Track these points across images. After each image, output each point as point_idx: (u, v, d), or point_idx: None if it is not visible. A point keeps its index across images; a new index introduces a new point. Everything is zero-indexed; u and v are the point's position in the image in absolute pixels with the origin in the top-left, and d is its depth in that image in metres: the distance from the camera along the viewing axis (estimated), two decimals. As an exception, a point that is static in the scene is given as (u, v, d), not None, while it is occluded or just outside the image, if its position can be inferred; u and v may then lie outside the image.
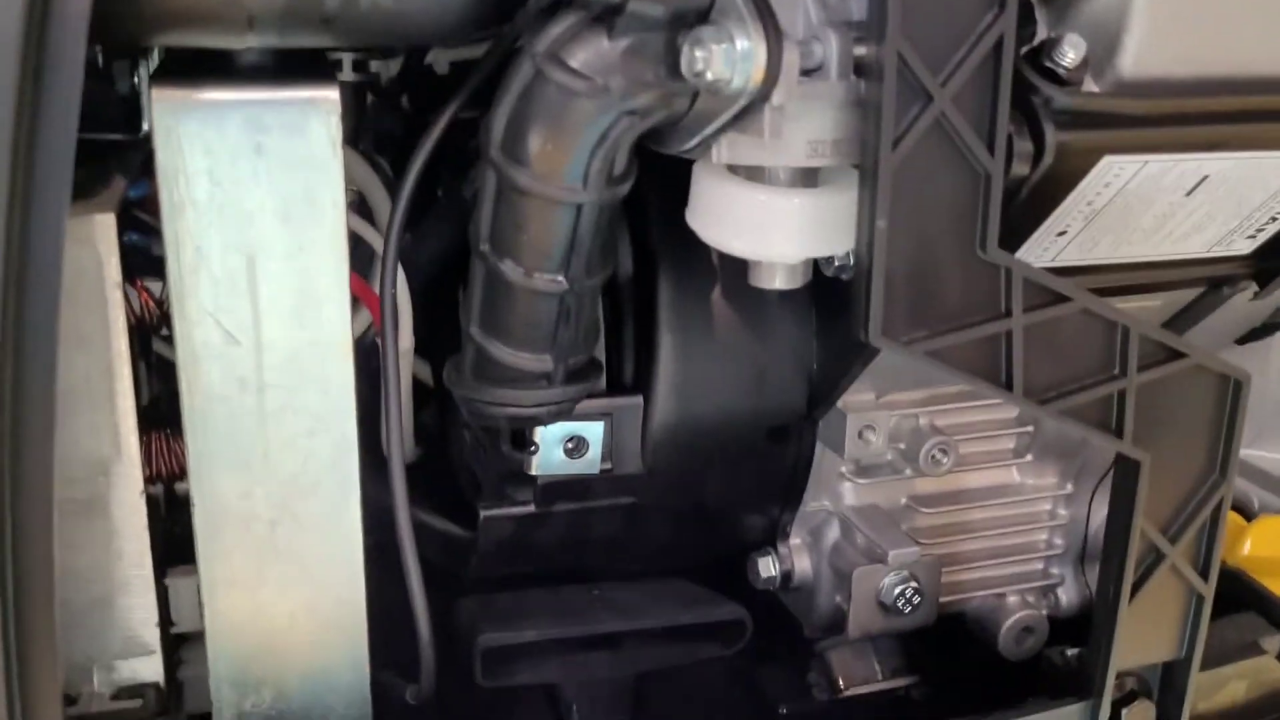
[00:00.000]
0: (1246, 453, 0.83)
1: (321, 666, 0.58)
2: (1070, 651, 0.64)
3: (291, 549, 0.56)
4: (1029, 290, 0.50)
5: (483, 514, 0.69)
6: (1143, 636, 0.59)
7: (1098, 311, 0.52)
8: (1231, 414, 0.56)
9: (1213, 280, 0.65)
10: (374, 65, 0.75)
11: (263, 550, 0.55)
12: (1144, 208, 0.56)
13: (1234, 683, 0.65)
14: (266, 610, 0.56)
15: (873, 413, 0.69)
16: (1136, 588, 0.57)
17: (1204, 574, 0.58)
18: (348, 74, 0.73)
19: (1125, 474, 0.55)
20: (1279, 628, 0.66)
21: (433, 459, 0.79)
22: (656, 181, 0.59)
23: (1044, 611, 0.76)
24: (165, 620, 0.58)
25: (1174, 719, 0.62)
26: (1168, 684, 0.62)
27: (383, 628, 0.61)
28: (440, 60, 0.80)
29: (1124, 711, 0.61)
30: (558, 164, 0.49)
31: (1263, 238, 0.61)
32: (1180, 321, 0.69)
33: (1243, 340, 0.76)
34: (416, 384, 0.75)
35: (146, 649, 0.56)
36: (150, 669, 0.57)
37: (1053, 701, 0.61)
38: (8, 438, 0.42)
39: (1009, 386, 0.51)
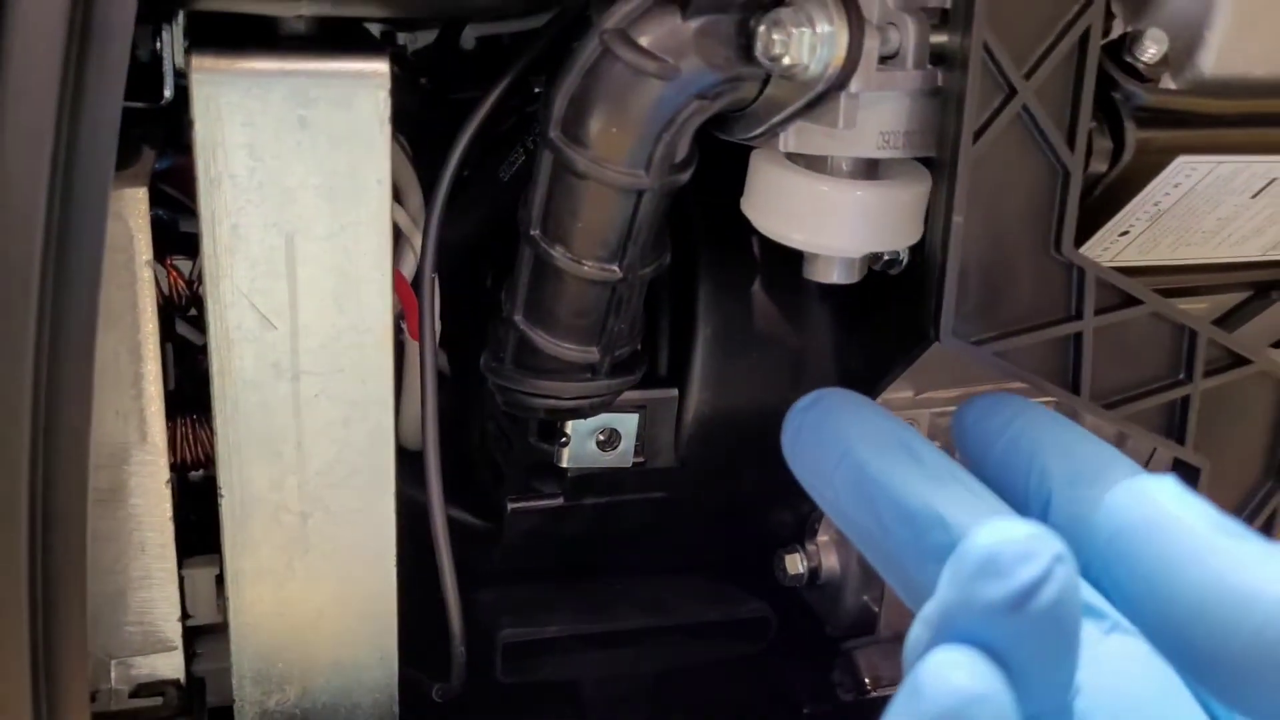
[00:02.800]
0: (1272, 457, 0.82)
1: (350, 662, 0.56)
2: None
3: (322, 541, 0.54)
4: (1101, 292, 0.48)
5: (510, 506, 0.67)
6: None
7: (1167, 315, 0.50)
8: (1291, 422, 0.55)
9: (1261, 284, 0.64)
10: (401, 38, 0.72)
11: (292, 542, 0.53)
12: (1208, 209, 0.54)
13: None
14: (294, 604, 0.54)
15: (912, 410, 0.68)
16: (1189, 597, 0.56)
17: (1256, 583, 0.57)
18: (375, 47, 0.71)
19: (1183, 480, 0.54)
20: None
21: (446, 447, 0.77)
22: (698, 168, 0.57)
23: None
24: (184, 614, 0.56)
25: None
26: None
27: (405, 620, 0.59)
28: (467, 35, 0.77)
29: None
30: (621, 148, 0.47)
31: (1318, 242, 0.60)
32: (1226, 324, 0.67)
33: (1278, 344, 0.75)
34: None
35: (167, 644, 0.54)
36: (171, 665, 0.54)
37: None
38: (42, 420, 0.40)
39: (1076, 390, 0.49)
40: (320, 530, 0.53)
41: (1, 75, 0.38)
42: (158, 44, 0.63)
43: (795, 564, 0.74)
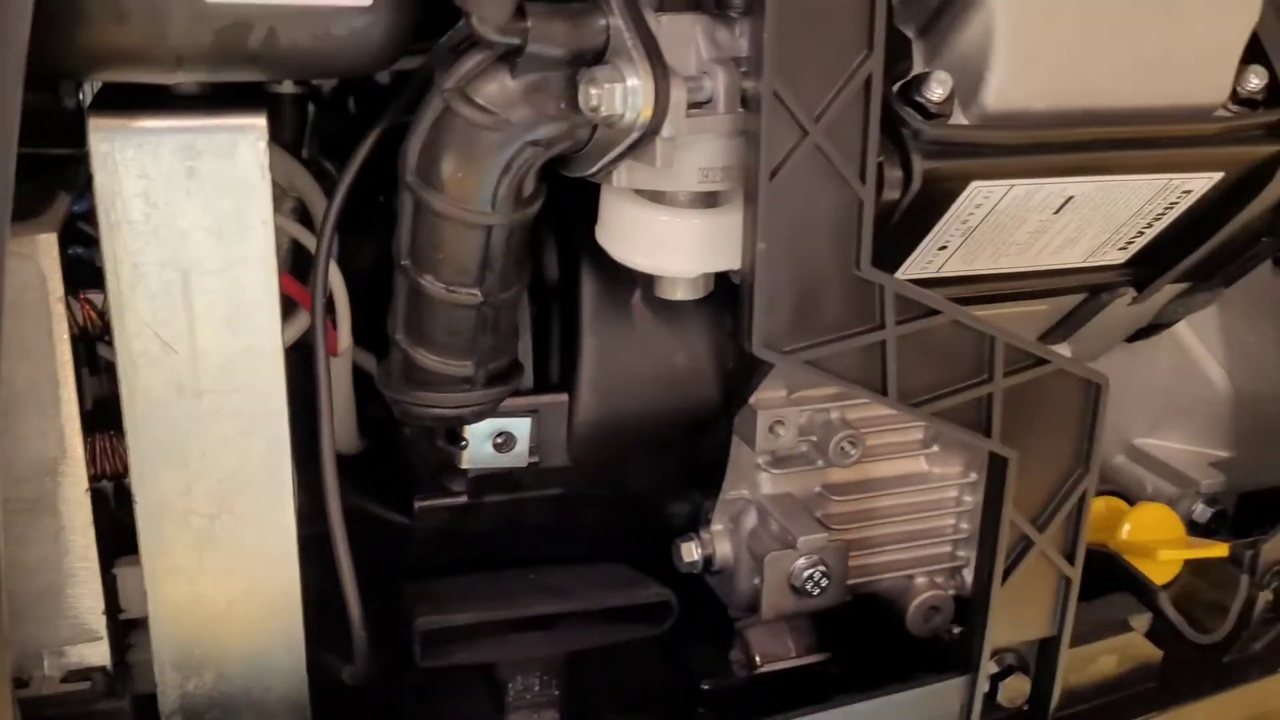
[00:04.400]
0: (1142, 441, 0.88)
1: (260, 649, 0.62)
2: (957, 630, 0.69)
3: (229, 541, 0.60)
4: (901, 304, 0.55)
5: (418, 504, 0.74)
6: (1016, 616, 0.64)
7: (966, 323, 0.56)
8: (1093, 414, 0.61)
9: (1093, 287, 0.70)
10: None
11: (202, 542, 0.59)
12: (1016, 225, 0.60)
13: (1104, 657, 0.70)
14: (206, 598, 0.60)
15: (783, 409, 0.74)
16: (1008, 572, 0.63)
17: (1071, 559, 0.64)
18: (289, 87, 0.77)
19: (995, 469, 0.60)
20: (1148, 607, 0.72)
21: (379, 449, 0.84)
22: (581, 194, 0.64)
23: (950, 592, 0.81)
24: (113, 608, 0.62)
25: (1047, 692, 0.67)
26: (1042, 659, 0.67)
27: (332, 612, 0.66)
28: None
29: (1001, 684, 0.67)
30: (468, 189, 0.53)
31: (1134, 249, 0.66)
32: (1067, 324, 0.74)
33: (1132, 338, 0.81)
34: (363, 376, 0.79)
35: (93, 635, 0.60)
36: (97, 654, 0.61)
37: (938, 676, 0.66)
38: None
39: (884, 391, 0.56)
40: (227, 531, 0.60)
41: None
42: (81, 94, 0.69)
43: (690, 551, 0.80)
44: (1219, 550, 0.75)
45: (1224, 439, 0.86)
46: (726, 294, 0.72)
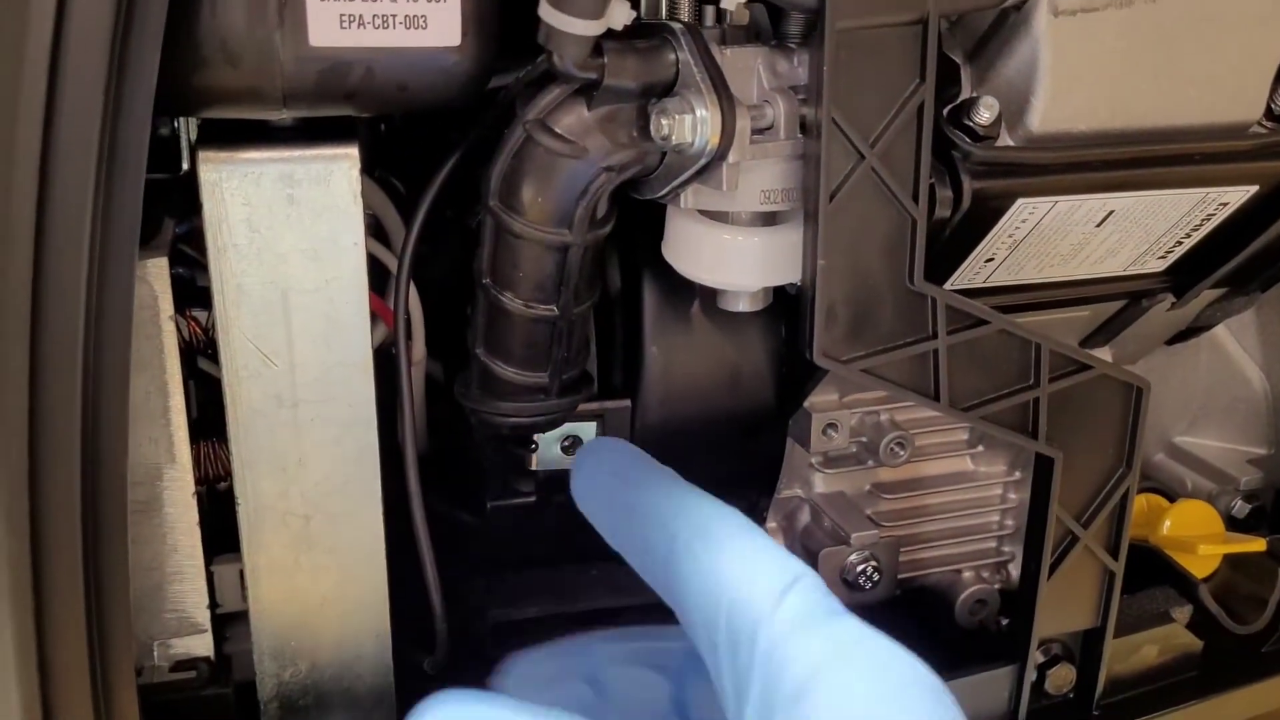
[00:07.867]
0: (1181, 439, 0.91)
1: (350, 641, 0.67)
2: (1005, 621, 0.73)
3: (323, 540, 0.64)
4: (951, 315, 0.58)
5: (490, 505, 0.78)
6: (1063, 608, 0.68)
7: (1013, 331, 0.60)
8: (1134, 416, 0.64)
9: (1133, 294, 0.73)
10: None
11: (298, 542, 0.64)
12: (1060, 238, 0.64)
13: (1147, 647, 0.73)
14: (302, 593, 0.65)
15: (836, 412, 0.77)
16: (1055, 566, 0.66)
17: (1114, 553, 0.67)
18: (363, 112, 0.81)
19: (1042, 469, 0.64)
20: (1189, 599, 0.75)
21: (445, 450, 0.88)
22: (643, 212, 0.67)
23: (996, 586, 0.84)
24: (213, 603, 0.67)
25: (1092, 680, 0.70)
26: (1087, 649, 0.70)
27: (408, 606, 0.70)
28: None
29: (1048, 673, 0.70)
30: (546, 213, 0.57)
31: (1173, 258, 0.69)
32: (1109, 329, 0.77)
33: (1172, 341, 0.84)
34: (430, 381, 0.83)
35: (198, 628, 0.65)
36: (202, 645, 0.65)
37: (988, 665, 0.70)
38: (90, 448, 0.51)
39: (936, 397, 0.59)
40: (320, 531, 0.64)
41: (46, 175, 0.49)
42: (175, 124, 0.74)
43: (746, 549, 0.84)
44: (1257, 545, 0.77)
45: (1261, 437, 0.88)
46: (778, 304, 0.76)
